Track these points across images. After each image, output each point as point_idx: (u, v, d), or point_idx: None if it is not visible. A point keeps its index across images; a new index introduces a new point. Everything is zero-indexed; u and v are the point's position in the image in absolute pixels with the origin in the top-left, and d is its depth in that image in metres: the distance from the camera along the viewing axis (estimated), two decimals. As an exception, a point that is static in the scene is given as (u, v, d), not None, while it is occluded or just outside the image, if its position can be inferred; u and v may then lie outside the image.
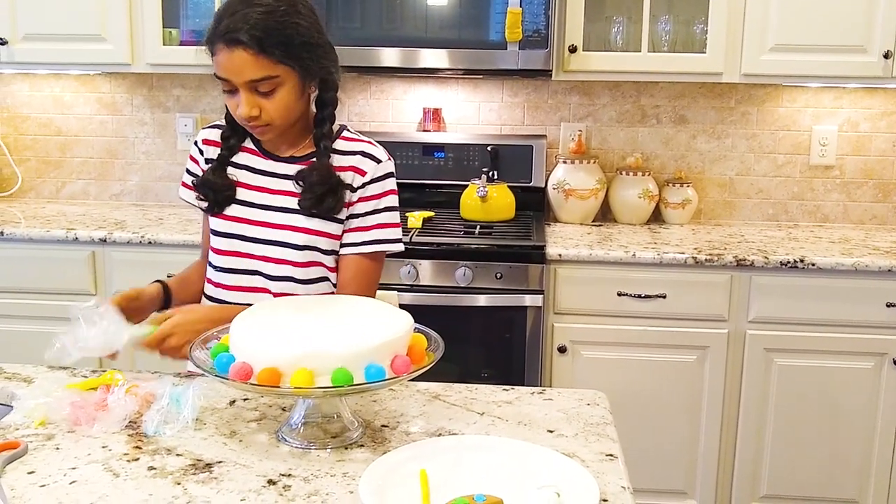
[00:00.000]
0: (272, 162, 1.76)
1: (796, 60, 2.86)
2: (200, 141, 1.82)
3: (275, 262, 1.72)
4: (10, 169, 3.49)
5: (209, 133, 1.82)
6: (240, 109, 1.62)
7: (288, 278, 1.72)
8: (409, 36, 2.88)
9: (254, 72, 1.58)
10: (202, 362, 1.36)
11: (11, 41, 3.05)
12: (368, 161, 1.73)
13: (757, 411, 2.77)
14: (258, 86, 1.60)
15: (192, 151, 1.83)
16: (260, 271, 1.73)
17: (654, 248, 2.77)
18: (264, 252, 1.73)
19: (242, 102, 1.61)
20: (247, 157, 1.78)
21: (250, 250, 1.74)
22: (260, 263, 1.73)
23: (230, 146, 1.77)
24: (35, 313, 2.90)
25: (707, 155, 3.28)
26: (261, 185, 1.75)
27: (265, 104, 1.62)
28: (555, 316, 2.77)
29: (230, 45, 1.57)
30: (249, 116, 1.62)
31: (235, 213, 1.75)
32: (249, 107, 1.61)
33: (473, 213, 3.05)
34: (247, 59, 1.57)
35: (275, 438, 1.38)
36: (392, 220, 1.76)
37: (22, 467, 1.27)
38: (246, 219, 1.74)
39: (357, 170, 1.73)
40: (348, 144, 1.75)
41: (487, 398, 1.56)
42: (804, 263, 2.68)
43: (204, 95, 3.38)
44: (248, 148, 1.78)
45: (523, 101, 3.30)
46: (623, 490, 1.23)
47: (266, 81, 1.59)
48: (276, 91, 1.61)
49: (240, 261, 1.74)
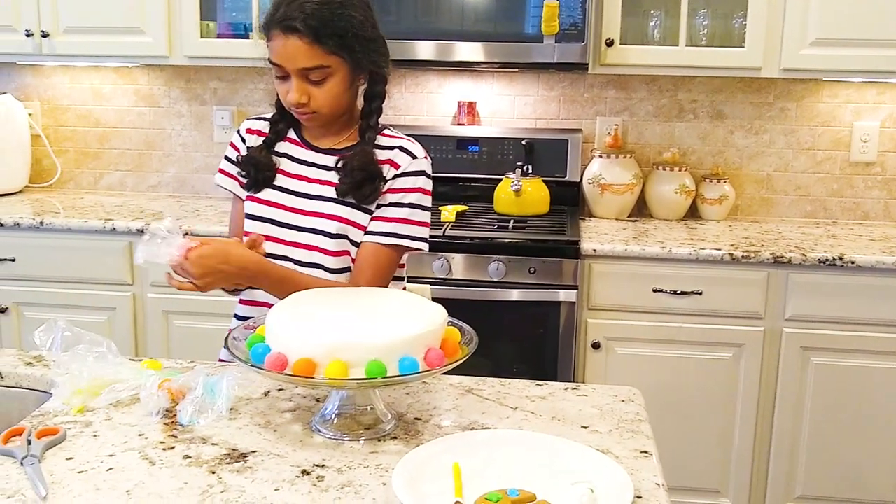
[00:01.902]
0: (312, 152, 1.78)
1: (838, 55, 2.81)
2: (244, 129, 1.84)
3: (306, 248, 1.73)
4: (50, 160, 3.54)
5: (254, 123, 1.84)
6: (290, 96, 1.65)
7: (318, 266, 1.73)
8: (444, 29, 2.87)
9: (306, 60, 1.61)
10: (238, 352, 1.37)
11: (53, 34, 3.09)
12: (404, 155, 1.75)
13: (792, 411, 2.73)
14: (309, 74, 1.63)
15: (234, 139, 1.85)
16: (290, 257, 1.74)
17: (690, 244, 2.74)
18: (296, 238, 1.74)
19: (293, 89, 1.64)
20: (288, 146, 1.80)
21: (282, 235, 1.75)
22: (290, 249, 1.74)
23: (277, 130, 1.79)
24: (72, 302, 2.94)
25: (744, 150, 3.24)
26: (299, 173, 1.77)
27: (315, 92, 1.65)
28: (589, 312, 2.76)
29: (286, 31, 1.60)
30: (298, 103, 1.65)
31: (270, 198, 1.76)
32: (299, 94, 1.64)
33: (507, 207, 3.04)
34: (301, 47, 1.60)
35: (308, 429, 1.38)
36: (416, 217, 1.74)
37: (61, 453, 1.29)
38: (280, 204, 1.75)
39: (393, 163, 1.74)
40: (389, 140, 1.77)
41: (521, 393, 1.55)
42: (843, 261, 2.64)
43: (241, 88, 3.40)
44: (291, 138, 1.80)
45: (559, 95, 3.28)
46: (657, 487, 1.22)
47: (317, 70, 1.63)
48: (326, 80, 1.64)
49: (271, 245, 1.74)
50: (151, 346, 2.95)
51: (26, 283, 2.96)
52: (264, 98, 3.37)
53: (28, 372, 1.60)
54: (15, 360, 1.66)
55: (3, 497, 1.16)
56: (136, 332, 2.96)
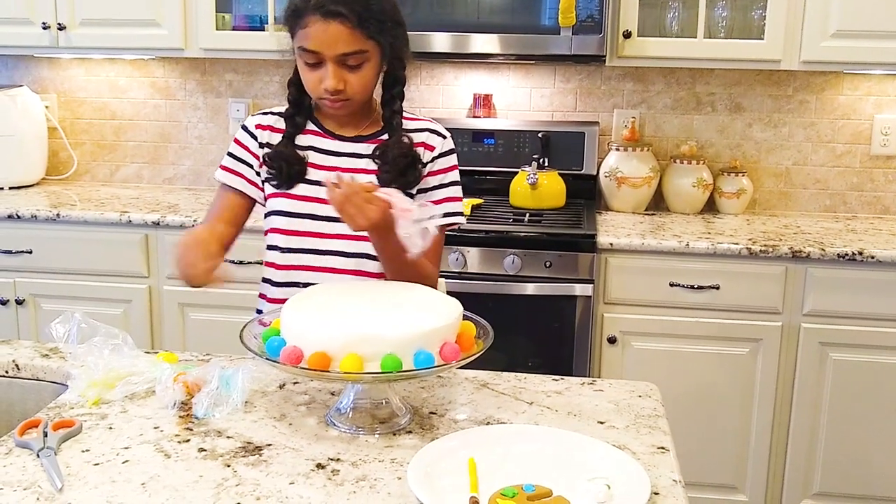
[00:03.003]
0: (339, 142, 1.76)
1: (859, 47, 2.78)
2: (253, 125, 1.79)
3: (351, 239, 1.70)
4: (67, 152, 3.56)
5: (263, 118, 1.80)
6: (326, 82, 1.62)
7: (363, 255, 1.71)
8: (460, 21, 2.86)
9: (347, 45, 1.60)
10: (254, 345, 1.37)
11: (69, 26, 3.09)
12: (436, 137, 1.77)
13: (810, 406, 2.71)
14: (347, 59, 1.61)
15: (240, 136, 1.80)
16: (334, 250, 1.72)
17: (707, 238, 2.72)
18: (339, 230, 1.70)
19: (330, 76, 1.62)
20: (310, 139, 1.77)
21: (323, 229, 1.72)
22: (333, 242, 1.72)
23: (296, 123, 1.76)
24: (88, 295, 2.95)
25: (763, 144, 3.21)
26: (332, 164, 1.74)
27: (350, 78, 1.63)
28: (605, 306, 2.74)
29: (328, 16, 1.58)
30: (336, 90, 1.62)
31: (305, 193, 1.73)
32: (337, 80, 1.62)
33: (523, 200, 3.03)
34: (343, 31, 1.59)
35: (324, 423, 1.38)
36: (458, 194, 1.80)
37: (77, 446, 1.29)
38: (317, 198, 1.71)
39: (426, 146, 1.75)
40: (413, 123, 1.77)
41: (536, 388, 1.54)
42: (863, 256, 2.61)
43: (256, 80, 3.40)
44: (311, 130, 1.77)
45: (576, 87, 3.26)
46: (675, 484, 1.21)
47: (356, 55, 1.61)
48: (362, 66, 1.63)
49: (312, 241, 1.72)
50: (167, 339, 2.96)
51: (43, 276, 2.98)
52: (279, 90, 3.36)
53: (44, 364, 1.61)
54: (31, 352, 1.66)
55: (19, 489, 1.17)
56: (152, 324, 2.97)
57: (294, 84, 1.75)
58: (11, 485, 1.18)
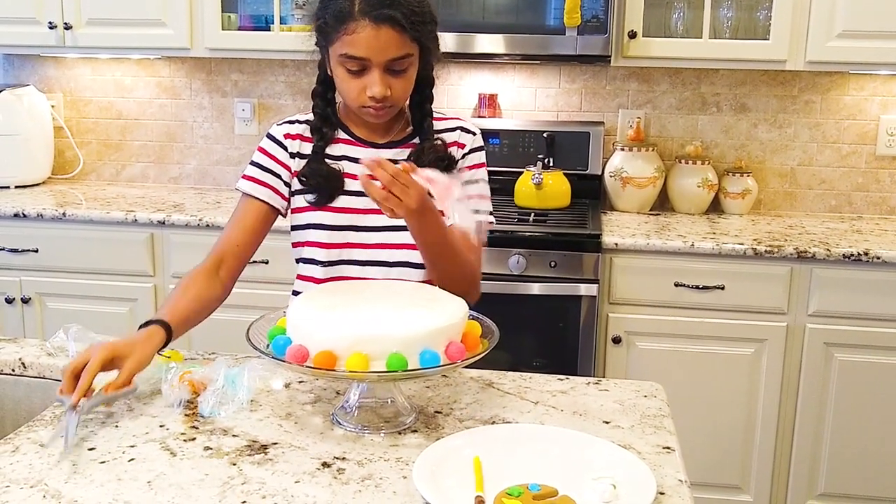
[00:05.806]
0: (374, 150, 1.68)
1: (865, 47, 2.77)
2: (281, 135, 1.71)
3: (393, 247, 1.67)
4: (73, 151, 3.56)
5: (291, 128, 1.72)
6: (373, 90, 1.55)
7: (405, 263, 1.68)
8: (465, 21, 2.86)
9: (397, 49, 1.53)
10: (259, 344, 1.37)
11: (76, 26, 3.10)
12: (466, 135, 1.74)
13: (815, 407, 2.70)
14: (394, 64, 1.55)
15: (267, 146, 1.71)
16: (377, 260, 1.68)
17: (712, 239, 2.72)
18: (380, 239, 1.67)
19: (377, 82, 1.55)
20: (342, 148, 1.70)
21: (365, 240, 1.68)
22: (376, 252, 1.68)
23: (324, 135, 1.69)
24: (94, 293, 2.96)
25: (768, 144, 3.21)
26: None
27: (395, 83, 1.57)
28: (610, 306, 2.74)
29: (378, 21, 1.51)
30: (383, 97, 1.56)
31: (346, 205, 1.67)
32: (384, 87, 1.55)
33: (528, 200, 3.03)
34: (394, 36, 1.52)
35: (329, 421, 1.38)
36: (488, 191, 1.77)
37: (83, 443, 1.29)
38: (358, 208, 1.66)
39: (459, 144, 1.72)
40: (443, 123, 1.73)
41: (542, 387, 1.54)
42: (868, 256, 2.61)
43: (262, 80, 3.41)
44: (341, 138, 1.71)
45: (581, 88, 3.26)
46: (680, 484, 1.21)
47: (403, 59, 1.55)
48: (407, 70, 1.58)
49: (355, 252, 1.68)
50: (172, 338, 2.96)
51: (49, 274, 2.98)
52: (285, 90, 3.37)
53: (50, 362, 1.61)
54: (37, 351, 1.67)
55: (26, 486, 1.17)
56: (158, 323, 2.97)
57: (319, 95, 1.69)
58: (18, 482, 1.18)
